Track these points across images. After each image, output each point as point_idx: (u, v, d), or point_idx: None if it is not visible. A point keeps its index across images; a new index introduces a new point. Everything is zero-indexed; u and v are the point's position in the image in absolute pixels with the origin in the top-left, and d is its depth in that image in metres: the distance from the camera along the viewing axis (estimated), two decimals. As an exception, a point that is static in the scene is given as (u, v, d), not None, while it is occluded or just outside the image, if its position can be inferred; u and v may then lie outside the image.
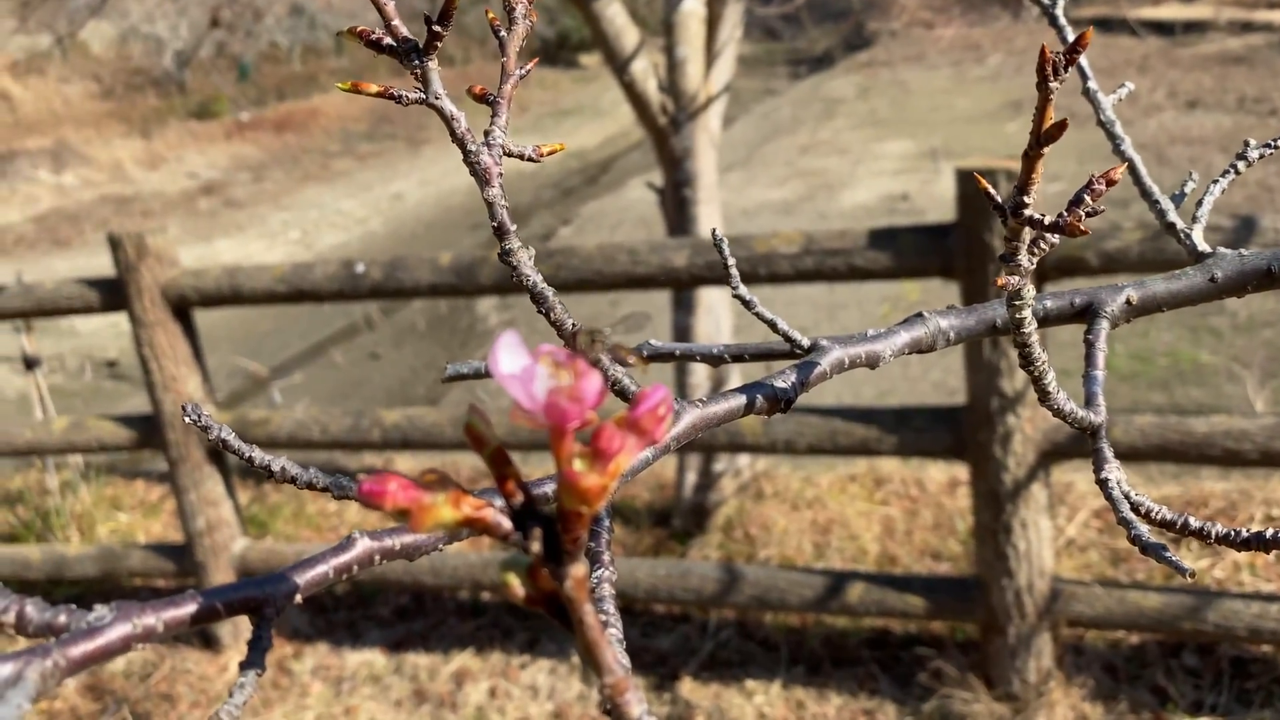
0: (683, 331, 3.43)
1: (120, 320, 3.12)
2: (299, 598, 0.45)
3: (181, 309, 3.10)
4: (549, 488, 0.56)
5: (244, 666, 0.43)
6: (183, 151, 13.48)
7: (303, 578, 0.46)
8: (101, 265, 3.16)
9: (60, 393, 5.82)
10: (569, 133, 13.75)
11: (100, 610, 0.43)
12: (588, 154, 12.55)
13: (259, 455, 0.49)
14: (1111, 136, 0.89)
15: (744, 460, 3.64)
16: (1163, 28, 12.83)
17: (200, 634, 3.33)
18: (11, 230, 10.79)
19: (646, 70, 3.37)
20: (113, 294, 3.08)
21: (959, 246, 2.36)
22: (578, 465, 0.36)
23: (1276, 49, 11.49)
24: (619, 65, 3.32)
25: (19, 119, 14.68)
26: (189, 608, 0.43)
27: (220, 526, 3.22)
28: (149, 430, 3.20)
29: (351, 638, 3.28)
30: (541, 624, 3.17)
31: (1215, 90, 10.17)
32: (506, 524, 0.37)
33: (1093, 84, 0.89)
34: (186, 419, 0.48)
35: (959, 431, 2.52)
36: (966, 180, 2.33)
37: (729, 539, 3.42)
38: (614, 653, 0.37)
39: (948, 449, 2.58)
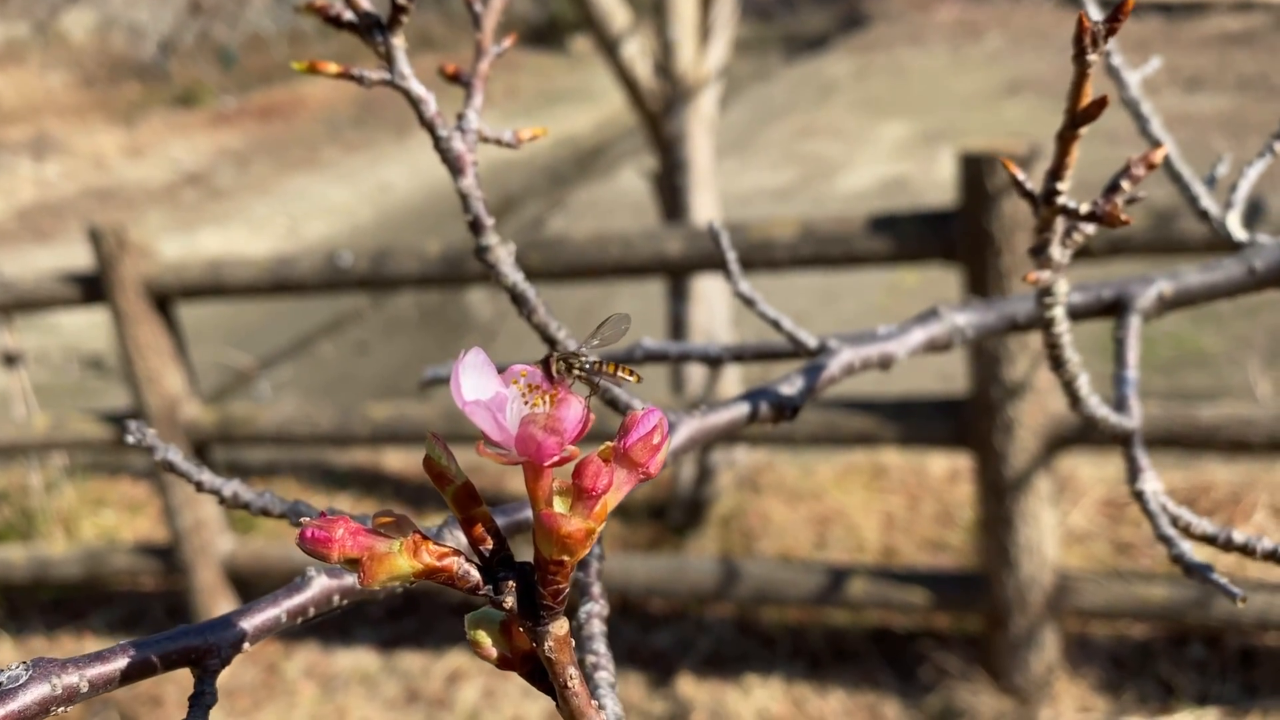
0: (679, 321, 3.37)
1: (105, 315, 3.05)
2: (247, 645, 0.39)
3: (163, 303, 3.03)
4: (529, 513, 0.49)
5: (186, 726, 0.37)
6: (166, 141, 13.34)
7: (250, 623, 0.39)
8: (84, 258, 3.09)
9: (45, 389, 5.74)
10: (561, 118, 13.65)
11: (14, 670, 0.36)
12: (580, 139, 12.45)
13: (208, 478, 0.43)
14: (1138, 116, 0.83)
15: (741, 452, 3.58)
16: (1163, 8, 12.76)
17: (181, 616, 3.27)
18: (-5, 223, 10.67)
19: (638, 53, 3.30)
20: (93, 288, 3.01)
21: (960, 232, 2.29)
22: (558, 505, 0.29)
23: (1277, 29, 11.43)
24: (609, 48, 3.25)
25: None
26: (119, 663, 0.36)
27: (207, 525, 3.16)
28: (132, 428, 3.12)
29: (342, 637, 3.22)
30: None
31: (1216, 71, 10.11)
32: (475, 575, 0.31)
33: (1117, 59, 0.82)
34: (131, 439, 0.42)
35: (960, 421, 2.46)
36: (967, 164, 2.26)
37: (727, 533, 3.36)
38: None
39: (949, 439, 2.52)
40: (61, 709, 0.34)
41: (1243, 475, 3.22)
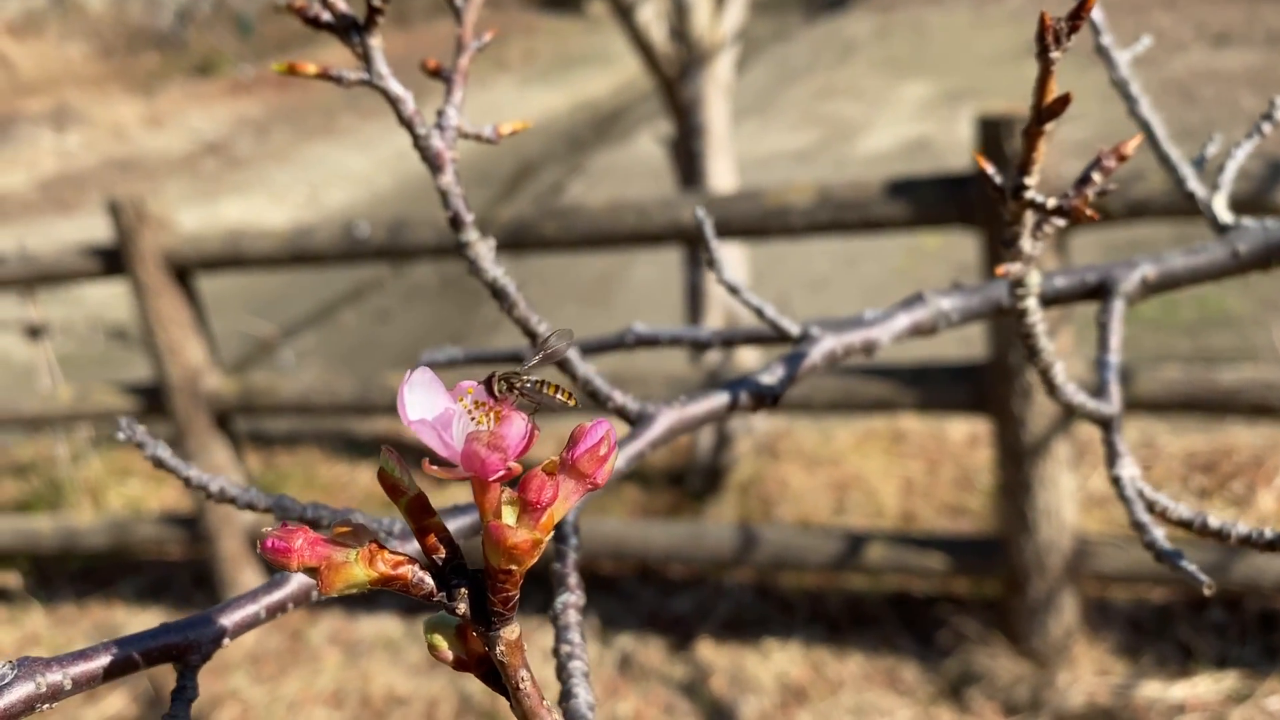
0: (696, 289, 3.36)
1: (126, 287, 3.07)
2: (227, 641, 0.40)
3: (183, 274, 3.04)
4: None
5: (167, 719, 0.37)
6: (185, 110, 13.36)
7: (230, 619, 0.40)
8: (106, 229, 3.12)
9: (71, 360, 5.80)
10: (579, 82, 13.58)
11: (1, 668, 0.37)
12: (599, 103, 12.39)
13: (195, 474, 0.43)
14: (1127, 97, 0.81)
15: (759, 419, 3.58)
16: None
17: (206, 584, 3.31)
18: (16, 195, 10.74)
19: (653, 17, 3.27)
20: (113, 261, 3.03)
21: (978, 196, 2.27)
22: (507, 516, 0.30)
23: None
24: (624, 12, 3.22)
25: (19, 81, 14.57)
26: (101, 660, 0.37)
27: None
28: (154, 398, 3.15)
29: (366, 604, 3.25)
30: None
31: (1244, 25, 9.92)
32: (429, 583, 0.32)
33: (1106, 39, 0.81)
34: (122, 435, 0.43)
35: (979, 386, 2.45)
36: (986, 127, 2.24)
37: (745, 499, 3.37)
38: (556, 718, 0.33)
39: (968, 404, 2.52)
40: (46, 706, 0.35)
41: (1266, 439, 3.20)
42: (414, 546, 0.46)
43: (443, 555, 0.31)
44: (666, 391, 2.67)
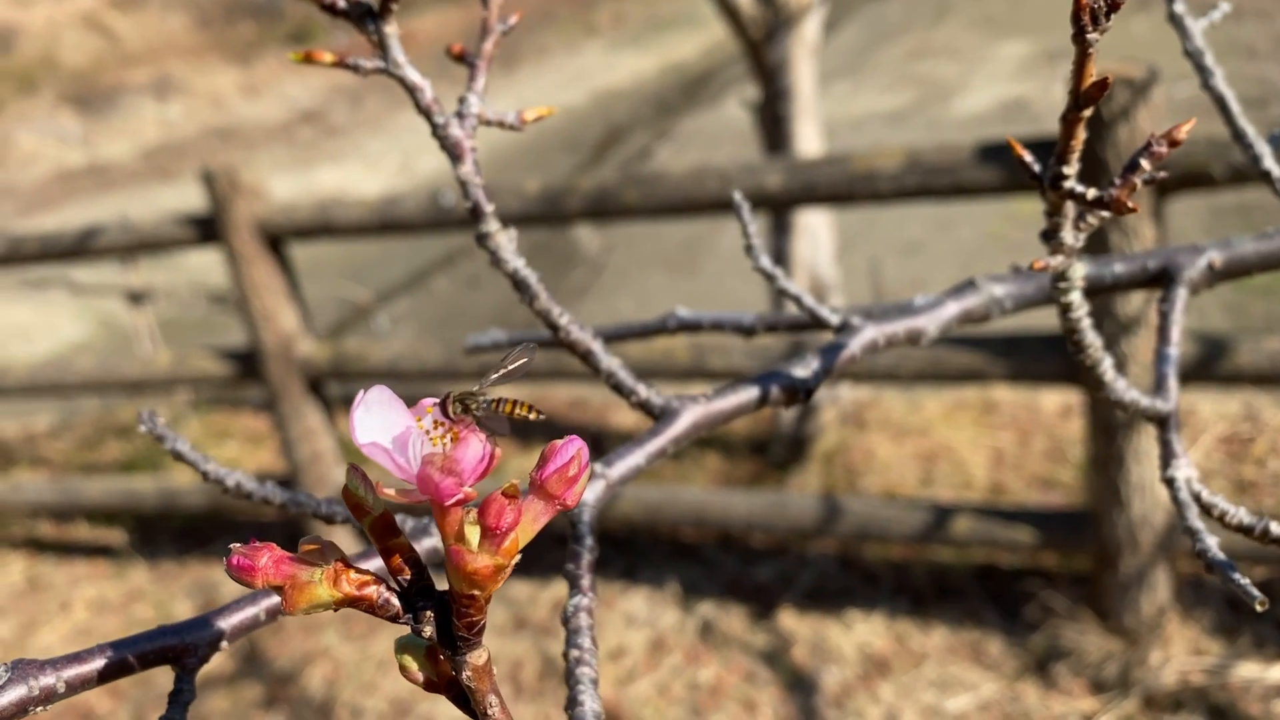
0: (780, 255, 3.31)
1: (221, 254, 3.15)
2: (225, 644, 0.40)
3: (275, 243, 3.11)
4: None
5: (161, 721, 0.38)
6: (281, 79, 13.62)
7: (228, 622, 0.40)
8: (202, 198, 3.21)
9: (174, 324, 6.00)
10: (667, 45, 13.47)
11: None
12: (687, 67, 12.28)
13: (213, 469, 0.44)
14: (1200, 69, 0.76)
15: (845, 388, 3.53)
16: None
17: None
18: (120, 164, 11.09)
19: (738, -21, 3.21)
20: (209, 229, 3.10)
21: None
22: (470, 539, 0.29)
23: None
24: (709, -24, 3.17)
25: (123, 52, 15.00)
26: (95, 664, 0.37)
27: (323, 457, 3.27)
28: (249, 364, 3.24)
29: (452, 566, 3.31)
30: (638, 553, 3.16)
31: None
32: (395, 604, 0.31)
33: (1179, 6, 0.76)
34: (143, 428, 0.43)
35: (1071, 357, 2.38)
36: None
37: (830, 469, 3.34)
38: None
39: (1059, 375, 2.45)
40: (40, 708, 0.36)
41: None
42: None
43: (408, 576, 0.31)
44: (747, 361, 2.65)
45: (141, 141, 11.86)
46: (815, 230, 3.34)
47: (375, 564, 0.44)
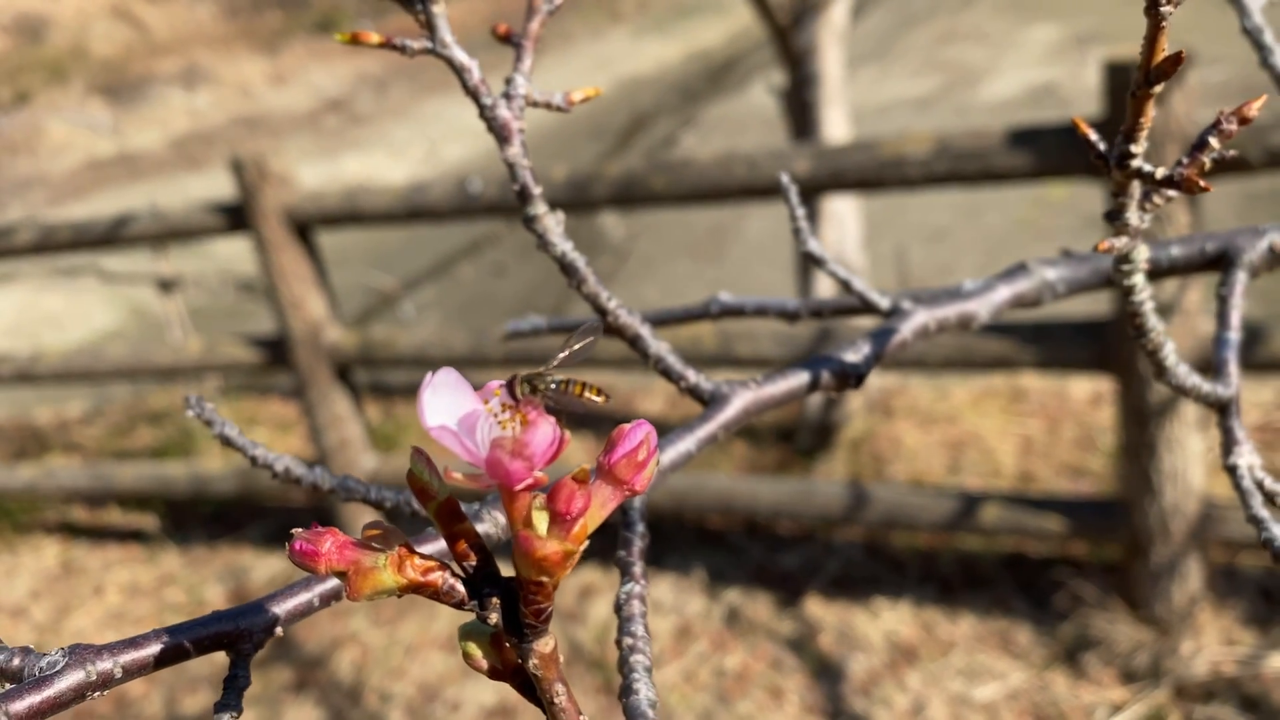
0: (806, 241, 3.30)
1: (249, 242, 3.17)
2: (279, 630, 0.40)
3: (304, 230, 3.12)
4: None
5: (219, 708, 0.38)
6: (308, 68, 13.67)
7: (283, 607, 0.40)
8: (231, 187, 3.22)
9: (203, 312, 6.04)
10: (692, 31, 13.41)
11: (53, 655, 0.38)
12: (712, 53, 12.23)
13: (261, 453, 0.44)
14: (1259, 47, 0.75)
15: (873, 375, 3.51)
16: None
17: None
18: (150, 153, 11.17)
19: (765, -35, 3.19)
20: (237, 217, 3.12)
21: (1106, 143, 2.17)
22: (538, 525, 0.29)
23: None
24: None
25: (152, 42, 15.10)
26: (152, 649, 0.37)
27: (351, 444, 3.29)
28: (277, 351, 3.26)
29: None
30: (665, 540, 3.16)
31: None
32: (460, 590, 0.31)
33: None
34: (190, 413, 0.43)
35: (1103, 344, 2.36)
36: (1115, 73, 2.13)
37: (856, 456, 3.32)
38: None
39: (1090, 362, 2.42)
40: (97, 693, 0.36)
41: None
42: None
43: (474, 562, 0.30)
44: (775, 347, 2.64)
45: (170, 130, 11.94)
46: (842, 217, 3.33)
47: (434, 548, 0.44)
